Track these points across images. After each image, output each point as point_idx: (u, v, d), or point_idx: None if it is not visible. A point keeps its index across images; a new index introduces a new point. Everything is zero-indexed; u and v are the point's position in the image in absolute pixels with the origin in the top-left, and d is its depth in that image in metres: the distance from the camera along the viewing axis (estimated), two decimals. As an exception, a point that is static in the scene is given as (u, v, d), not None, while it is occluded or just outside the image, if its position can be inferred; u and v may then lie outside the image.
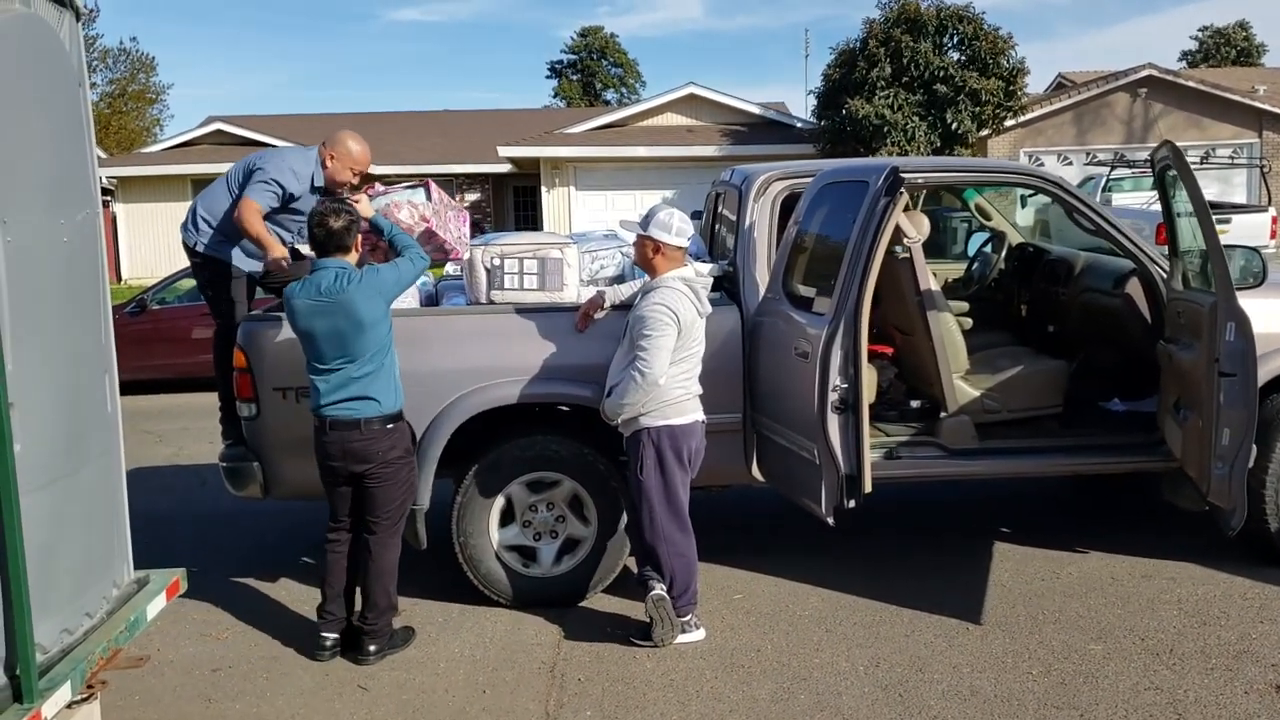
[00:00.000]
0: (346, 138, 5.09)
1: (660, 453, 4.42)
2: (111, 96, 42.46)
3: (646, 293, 4.42)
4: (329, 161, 5.05)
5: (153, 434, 9.20)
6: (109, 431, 3.65)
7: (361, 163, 5.11)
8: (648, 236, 4.43)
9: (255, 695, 4.20)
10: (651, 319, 4.29)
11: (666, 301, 4.31)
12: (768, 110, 25.74)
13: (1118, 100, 23.29)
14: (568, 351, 4.79)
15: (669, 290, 4.36)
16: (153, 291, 11.95)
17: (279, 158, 5.04)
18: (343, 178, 5.09)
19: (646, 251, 4.45)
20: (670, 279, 4.41)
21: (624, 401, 4.36)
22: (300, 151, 5.16)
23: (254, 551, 5.95)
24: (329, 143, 5.09)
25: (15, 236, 2.99)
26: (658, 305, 4.31)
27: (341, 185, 5.15)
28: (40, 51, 3.26)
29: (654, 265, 4.45)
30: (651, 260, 4.45)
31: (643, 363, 4.28)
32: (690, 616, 4.55)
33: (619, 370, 4.47)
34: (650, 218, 4.45)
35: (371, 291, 4.24)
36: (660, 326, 4.28)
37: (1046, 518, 6.08)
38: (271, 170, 4.92)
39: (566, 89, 57.34)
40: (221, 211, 5.07)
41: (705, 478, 4.94)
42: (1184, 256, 5.03)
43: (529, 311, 4.86)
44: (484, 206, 28.71)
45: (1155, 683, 4.03)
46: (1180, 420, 4.82)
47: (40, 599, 3.01)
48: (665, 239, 4.40)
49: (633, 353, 4.35)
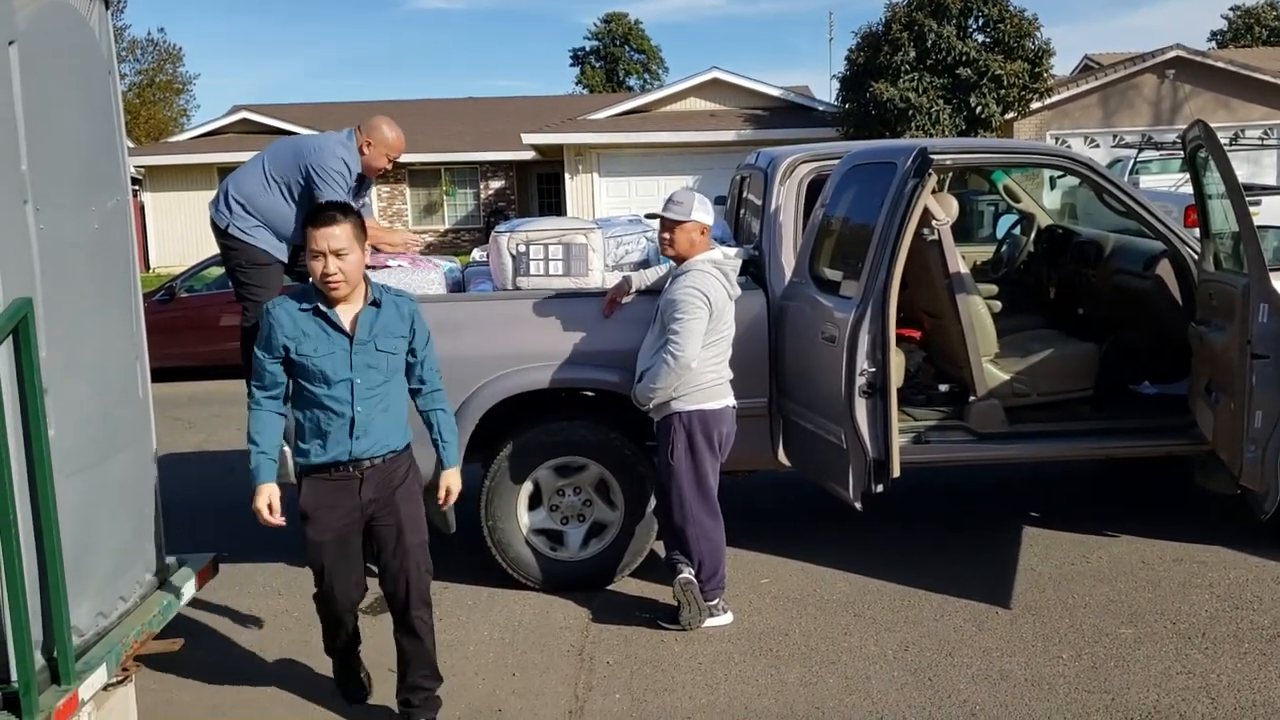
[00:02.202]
0: (382, 123, 5.07)
1: (691, 437, 4.40)
2: (140, 87, 42.81)
3: (677, 276, 4.40)
4: (365, 148, 5.03)
5: (182, 420, 9.28)
6: (141, 418, 3.69)
7: (396, 149, 5.10)
8: (692, 221, 4.35)
9: (286, 679, 4.23)
10: (683, 302, 4.27)
11: (698, 284, 4.29)
12: (790, 94, 25.62)
13: (1145, 82, 23.02)
14: (593, 337, 4.79)
15: (700, 273, 4.34)
16: (181, 279, 12.02)
17: (328, 151, 4.97)
18: (379, 164, 5.08)
19: (693, 236, 4.37)
20: (700, 262, 4.38)
21: (656, 386, 4.34)
22: (337, 139, 5.10)
23: (283, 537, 5.96)
24: (364, 129, 5.06)
25: (48, 223, 3.02)
26: (689, 288, 4.28)
27: (377, 171, 5.14)
28: (71, 40, 3.29)
29: (694, 249, 4.39)
30: (696, 245, 4.39)
31: (675, 346, 4.26)
32: (718, 600, 4.56)
33: (650, 355, 4.45)
34: (685, 203, 4.38)
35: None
36: (692, 309, 4.26)
37: (1076, 502, 6.04)
38: (332, 165, 4.89)
39: (589, 76, 57.20)
40: (259, 198, 5.04)
41: (732, 463, 4.93)
42: (1215, 238, 4.97)
43: (554, 297, 4.86)
44: (508, 194, 28.75)
45: (1187, 667, 4.01)
46: (1212, 403, 4.77)
47: (76, 583, 3.05)
48: (708, 220, 4.39)
49: (664, 337, 4.34)
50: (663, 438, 4.47)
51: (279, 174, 5.02)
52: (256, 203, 5.05)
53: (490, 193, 28.76)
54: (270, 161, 5.06)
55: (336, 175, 4.90)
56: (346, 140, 5.07)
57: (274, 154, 5.10)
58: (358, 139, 5.04)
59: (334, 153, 4.95)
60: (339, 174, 4.90)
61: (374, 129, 5.05)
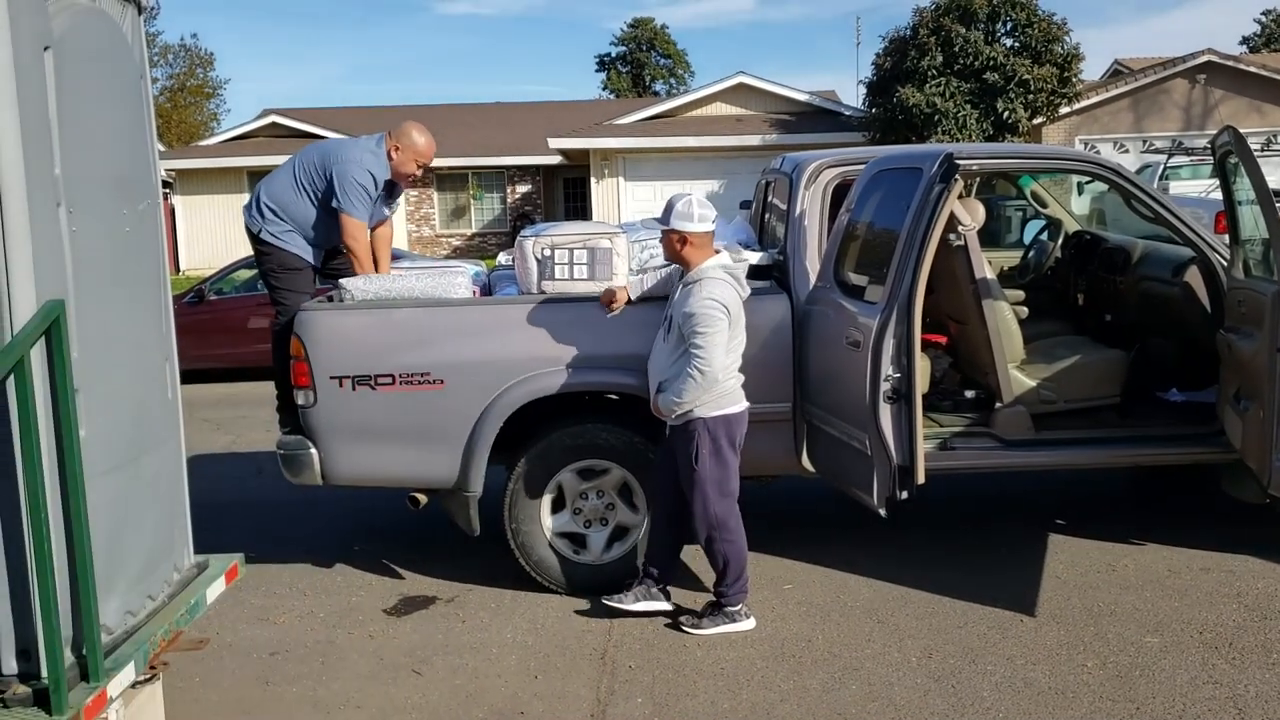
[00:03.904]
0: (412, 129, 5.09)
1: (715, 441, 4.39)
2: (171, 91, 43.23)
3: (688, 285, 4.36)
4: (394, 153, 5.06)
5: (211, 422, 9.36)
6: (170, 418, 3.72)
7: (426, 155, 5.12)
8: (672, 230, 4.35)
9: (312, 679, 4.27)
10: (703, 315, 4.23)
11: (715, 295, 4.25)
12: (817, 98, 25.58)
13: (1176, 86, 22.82)
14: (617, 340, 4.80)
15: (714, 282, 4.30)
16: (211, 282, 12.13)
17: (354, 161, 5.00)
18: (408, 169, 5.11)
19: (674, 245, 4.38)
20: (711, 269, 4.34)
21: (683, 400, 4.30)
22: (366, 146, 5.12)
23: (310, 538, 6.04)
24: (394, 134, 5.09)
25: (80, 226, 3.06)
26: (708, 300, 4.24)
27: (406, 178, 5.17)
28: (104, 46, 3.33)
29: (685, 257, 4.38)
30: (681, 253, 4.38)
31: (701, 361, 4.22)
32: (741, 606, 4.55)
33: (666, 365, 4.42)
34: (670, 210, 4.37)
35: None
36: (714, 322, 4.22)
37: (1102, 510, 5.99)
38: (356, 175, 4.92)
39: (615, 81, 57.29)
40: (290, 204, 5.09)
41: (755, 468, 4.94)
42: (1245, 244, 4.92)
43: (579, 301, 4.87)
44: (534, 198, 28.84)
45: (1214, 677, 3.97)
46: (1240, 411, 4.73)
47: (106, 582, 3.09)
48: (690, 228, 4.32)
49: (683, 348, 4.31)
50: (685, 443, 4.43)
51: (308, 179, 5.07)
52: (288, 209, 5.10)
53: (517, 197, 28.85)
54: (300, 167, 5.11)
55: (358, 187, 4.93)
56: (375, 147, 5.09)
57: (304, 159, 5.14)
58: (387, 144, 5.07)
59: (360, 163, 4.98)
60: (361, 186, 4.94)
61: (403, 134, 5.08)
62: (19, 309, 2.83)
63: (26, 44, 2.84)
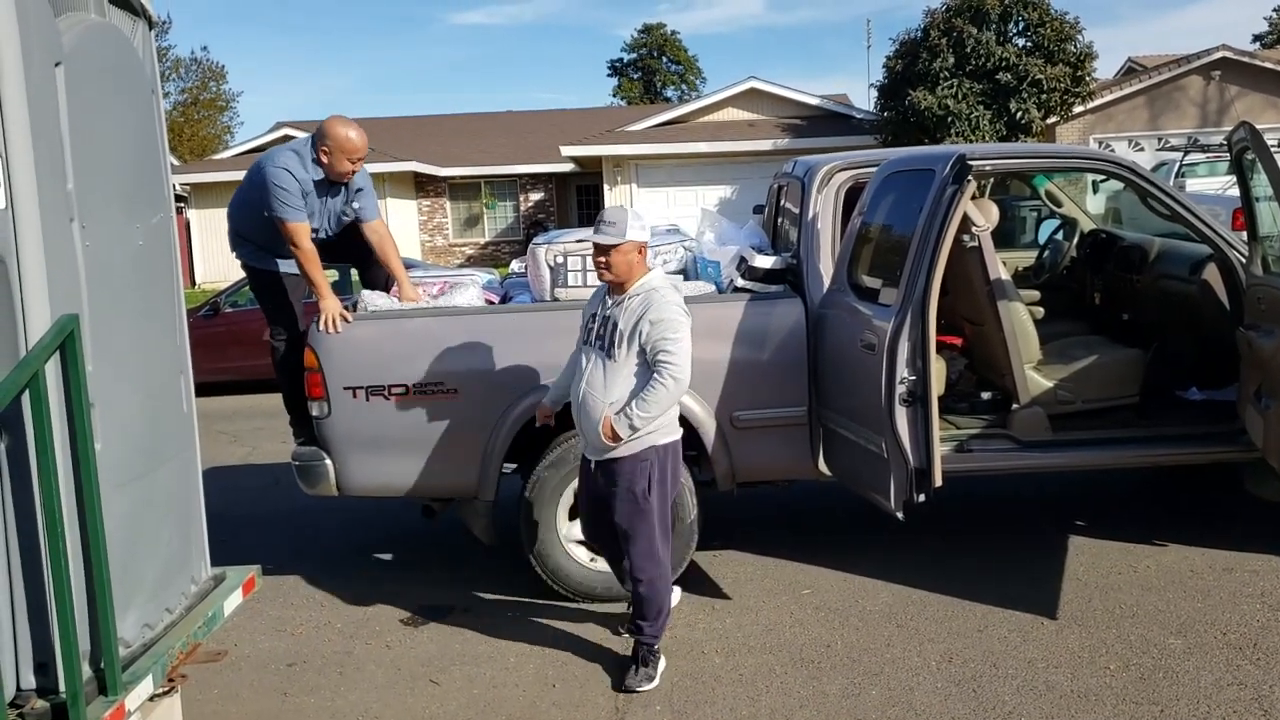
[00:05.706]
0: (334, 126, 4.86)
1: (663, 470, 4.13)
2: (184, 105, 43.46)
3: (637, 296, 4.03)
4: (324, 157, 4.87)
5: (227, 434, 9.40)
6: (186, 431, 3.73)
7: (354, 148, 4.87)
8: (630, 242, 3.98)
9: (330, 690, 4.27)
10: (673, 320, 3.96)
11: (678, 301, 4.04)
12: (829, 102, 25.56)
13: (1190, 83, 22.69)
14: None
15: (669, 290, 4.07)
16: (225, 295, 12.17)
17: (272, 165, 4.84)
18: (342, 167, 4.90)
19: (630, 257, 4.00)
20: (661, 278, 4.12)
21: (652, 414, 3.96)
22: (291, 148, 4.95)
23: (326, 549, 6.05)
24: (318, 138, 4.89)
25: (94, 240, 3.07)
26: (674, 305, 3.99)
27: (343, 176, 4.96)
28: (116, 61, 3.34)
29: (639, 268, 4.06)
30: (637, 264, 4.05)
31: (673, 368, 3.93)
32: (656, 645, 4.23)
33: (611, 385, 4.04)
34: (619, 223, 4.00)
35: None
36: (682, 327, 3.98)
37: (1123, 510, 5.95)
38: (274, 179, 4.79)
39: (627, 88, 57.38)
40: (244, 223, 5.06)
41: (771, 473, 4.91)
42: (1263, 240, 4.88)
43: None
44: (547, 205, 28.89)
45: (1239, 678, 3.93)
46: (1262, 409, 4.68)
47: (122, 594, 3.09)
48: (646, 238, 4.08)
49: (639, 362, 4.01)
50: (631, 476, 4.08)
51: (253, 196, 4.96)
52: (246, 229, 5.09)
53: (530, 205, 28.91)
54: (245, 186, 5.05)
55: (279, 190, 4.80)
56: (301, 148, 4.95)
57: (246, 177, 5.05)
58: (316, 151, 4.90)
59: (277, 164, 4.83)
60: (282, 188, 4.80)
61: (327, 135, 4.87)
62: (33, 324, 2.84)
63: (38, 59, 2.85)
